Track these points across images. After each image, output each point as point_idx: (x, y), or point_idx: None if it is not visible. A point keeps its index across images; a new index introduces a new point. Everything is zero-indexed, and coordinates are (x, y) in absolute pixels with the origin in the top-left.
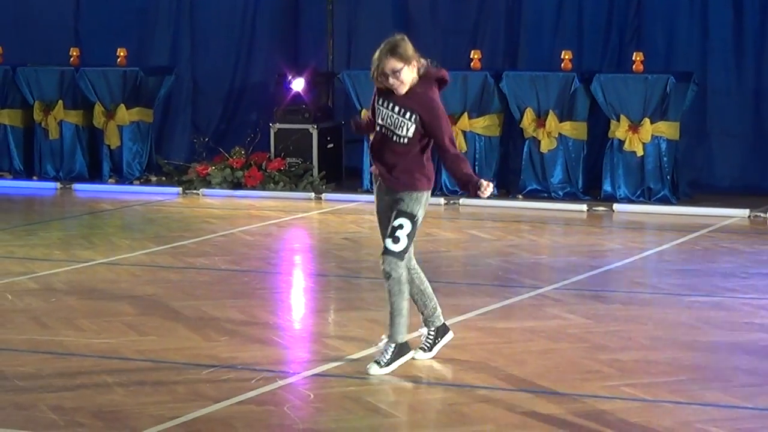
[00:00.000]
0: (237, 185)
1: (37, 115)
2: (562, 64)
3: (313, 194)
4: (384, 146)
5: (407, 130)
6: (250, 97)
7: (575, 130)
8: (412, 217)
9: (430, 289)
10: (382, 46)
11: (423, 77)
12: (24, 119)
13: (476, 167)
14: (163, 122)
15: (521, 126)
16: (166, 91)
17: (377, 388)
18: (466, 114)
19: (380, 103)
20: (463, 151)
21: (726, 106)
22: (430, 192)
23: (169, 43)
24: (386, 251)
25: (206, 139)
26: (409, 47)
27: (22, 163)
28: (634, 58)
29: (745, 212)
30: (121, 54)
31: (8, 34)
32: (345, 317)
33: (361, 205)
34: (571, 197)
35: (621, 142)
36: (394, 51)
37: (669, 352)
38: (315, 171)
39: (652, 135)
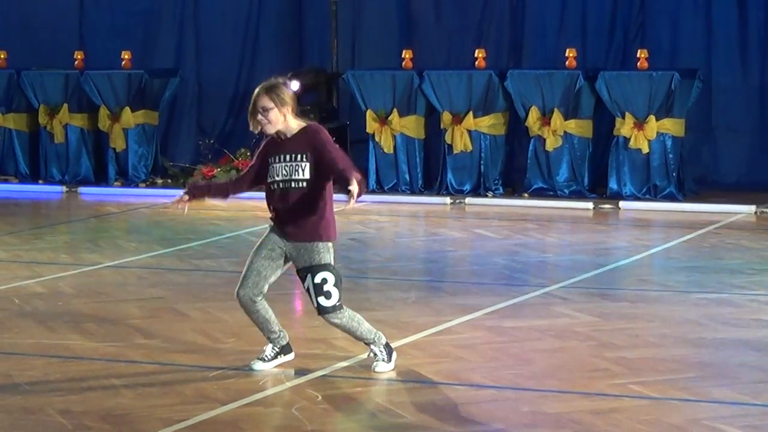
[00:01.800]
0: None
1: (42, 119)
2: (567, 62)
3: None
4: (284, 201)
5: (303, 171)
6: None
7: (580, 128)
8: (329, 268)
9: (273, 317)
10: (261, 84)
11: (312, 124)
12: (29, 123)
13: (482, 166)
14: (169, 125)
15: (526, 124)
16: (171, 93)
17: (385, 388)
18: (471, 113)
19: (272, 160)
20: (469, 150)
21: (731, 102)
22: (332, 243)
23: (173, 45)
24: (322, 310)
25: (212, 141)
26: (287, 93)
27: (28, 167)
28: (638, 56)
29: (752, 208)
30: (126, 57)
31: (13, 39)
32: None
33: (367, 206)
34: (577, 195)
35: (626, 140)
36: (269, 90)
37: (676, 350)
38: None
39: (657, 132)
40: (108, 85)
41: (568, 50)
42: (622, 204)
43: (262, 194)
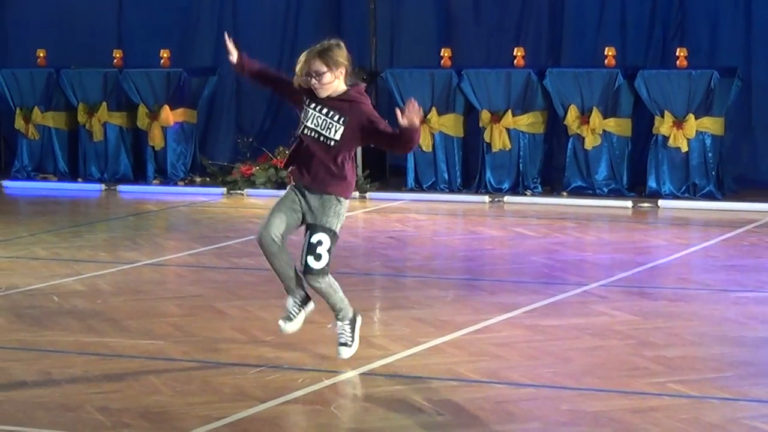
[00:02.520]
0: (281, 185)
1: (81, 117)
2: (606, 61)
3: (357, 193)
4: (309, 150)
5: (335, 132)
6: None
7: (619, 126)
8: (330, 232)
9: (292, 262)
10: (314, 46)
11: (353, 88)
12: (68, 121)
13: (520, 165)
14: (207, 123)
15: (565, 123)
16: (210, 91)
17: (424, 386)
18: (510, 111)
19: (308, 104)
20: (507, 149)
21: None
22: (348, 201)
23: (212, 43)
24: (308, 269)
25: (250, 140)
26: (339, 54)
27: (67, 165)
28: (677, 54)
29: None
30: (165, 55)
31: (52, 37)
32: (391, 316)
33: (406, 204)
34: (616, 194)
35: (665, 138)
36: (322, 53)
37: (716, 348)
38: (359, 170)
39: (696, 131)
40: (147, 83)
41: (606, 49)
42: (661, 203)
43: None
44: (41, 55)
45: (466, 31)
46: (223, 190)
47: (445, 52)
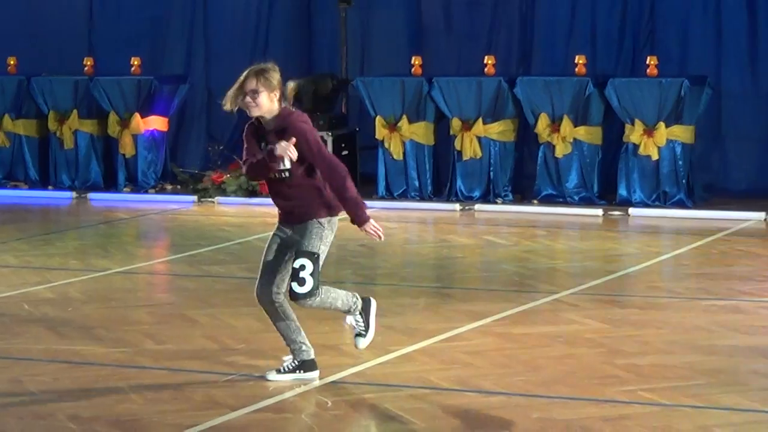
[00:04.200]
0: (252, 193)
1: (52, 125)
2: (576, 69)
3: None
4: (274, 189)
5: (282, 162)
6: None
7: (590, 134)
8: (312, 256)
9: (295, 325)
10: (250, 67)
11: (286, 110)
12: (39, 129)
13: (491, 173)
14: (178, 131)
15: (536, 131)
16: (181, 99)
17: (394, 395)
18: (480, 119)
19: (261, 148)
20: (478, 157)
21: (741, 109)
22: (333, 218)
23: (183, 51)
24: (293, 295)
25: (221, 147)
26: (275, 77)
27: (38, 173)
28: (648, 62)
29: (762, 215)
30: (135, 63)
31: (22, 45)
32: None
33: (377, 212)
34: (587, 202)
35: (636, 147)
36: (259, 73)
37: (686, 357)
38: None
39: (666, 139)
40: (117, 91)
41: (577, 57)
42: (631, 211)
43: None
44: (12, 62)
45: (437, 39)
46: (194, 197)
47: (416, 60)
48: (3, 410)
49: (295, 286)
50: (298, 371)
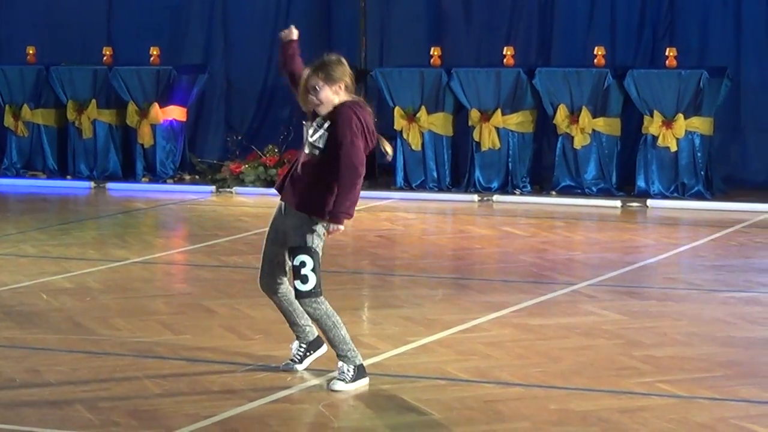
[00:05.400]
0: (270, 183)
1: (71, 115)
2: (595, 60)
3: None
4: (300, 163)
5: (321, 139)
6: (283, 95)
7: (609, 126)
8: (309, 251)
9: (299, 309)
10: (315, 61)
11: (352, 101)
12: (57, 119)
13: (510, 164)
14: (197, 121)
15: (554, 122)
16: (200, 89)
17: (412, 386)
18: (499, 110)
19: (311, 123)
20: (497, 148)
21: (760, 101)
22: (325, 223)
23: (202, 41)
24: (298, 294)
25: (239, 138)
26: (337, 70)
27: (56, 163)
28: (667, 54)
29: None
30: (154, 53)
31: (42, 34)
32: (379, 315)
33: (395, 203)
34: (605, 193)
35: (655, 138)
36: (320, 68)
37: (704, 348)
38: None
39: (685, 130)
40: (136, 80)
41: (596, 48)
42: (649, 202)
43: None
44: (31, 52)
45: (456, 30)
46: (213, 188)
47: (435, 51)
48: (21, 400)
49: (298, 284)
50: (309, 353)
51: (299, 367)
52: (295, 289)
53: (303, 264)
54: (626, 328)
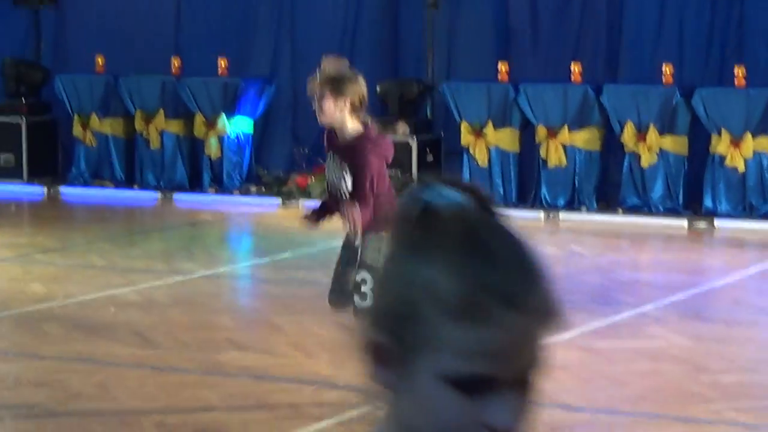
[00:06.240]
0: None
1: (139, 125)
2: (663, 78)
3: None
4: (337, 204)
5: (346, 183)
6: None
7: (676, 144)
8: (371, 269)
9: None
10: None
11: (366, 136)
12: (126, 129)
13: (576, 181)
14: (264, 133)
15: (622, 140)
16: (267, 101)
17: None
18: (566, 127)
19: (328, 155)
20: (563, 165)
21: None
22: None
23: (270, 53)
24: (355, 309)
25: (306, 150)
26: (348, 86)
27: (124, 173)
28: (735, 73)
29: None
30: (222, 64)
31: (110, 45)
32: None
33: None
34: (672, 212)
35: (722, 158)
36: (327, 78)
37: None
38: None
39: (753, 150)
40: (204, 92)
41: (664, 65)
42: (717, 222)
43: None
44: (99, 62)
45: (524, 45)
46: (279, 200)
47: (503, 66)
48: (89, 416)
49: (357, 299)
50: None
51: None
52: (353, 304)
53: (364, 281)
54: (693, 352)
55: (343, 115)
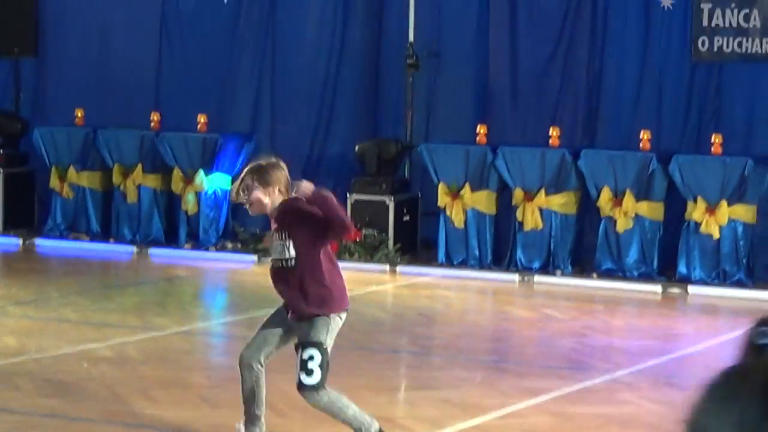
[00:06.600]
0: None
1: (116, 178)
2: (641, 144)
3: (388, 266)
4: (282, 281)
5: (288, 250)
6: (328, 166)
7: (652, 210)
8: (320, 346)
9: (262, 398)
10: (253, 163)
11: (292, 198)
12: (103, 182)
13: (552, 244)
14: None
15: (598, 204)
16: (245, 157)
17: None
18: (543, 190)
19: (269, 236)
20: (539, 228)
21: None
22: (342, 315)
23: (249, 109)
24: (300, 386)
25: None
26: (273, 175)
27: (100, 226)
28: (713, 140)
29: None
30: (201, 120)
31: (90, 97)
32: (418, 396)
33: (436, 279)
34: (646, 277)
35: (697, 224)
36: (256, 170)
37: None
38: (390, 243)
39: (729, 218)
40: (183, 147)
41: (642, 132)
42: (690, 288)
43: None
44: (79, 114)
45: (503, 109)
46: (255, 257)
47: (481, 129)
48: None
49: (303, 377)
50: None
51: None
52: (299, 382)
53: (311, 358)
54: (665, 419)
55: (271, 200)
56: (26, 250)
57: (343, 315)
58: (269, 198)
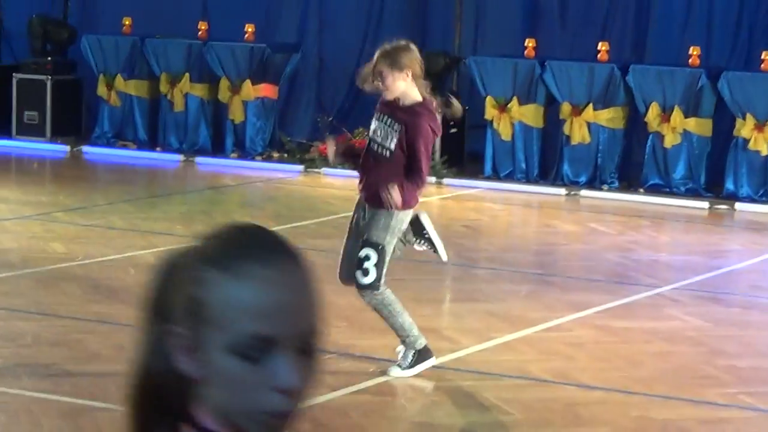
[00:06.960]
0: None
1: (164, 87)
2: (690, 60)
3: (434, 179)
4: (370, 160)
5: (390, 140)
6: None
7: (700, 126)
8: (377, 247)
9: (399, 310)
10: (385, 45)
11: (425, 106)
12: (150, 90)
13: (599, 159)
14: (288, 99)
15: (646, 120)
16: (292, 68)
17: (494, 383)
18: (591, 105)
19: (376, 116)
20: (587, 142)
21: None
22: (406, 213)
23: (296, 20)
24: (358, 285)
25: (330, 118)
26: (405, 57)
27: (147, 134)
28: (762, 57)
29: None
30: (249, 30)
31: (138, 6)
32: (463, 308)
33: (482, 192)
34: (693, 193)
35: (746, 141)
36: (386, 55)
37: None
38: (437, 155)
39: None
40: (230, 57)
41: (691, 48)
42: (737, 205)
43: None
44: (126, 23)
45: (552, 23)
46: (301, 167)
47: (529, 42)
48: (106, 377)
49: (359, 275)
50: (419, 364)
51: (403, 373)
52: (355, 279)
53: (367, 257)
54: (709, 335)
55: (405, 86)
56: (74, 158)
57: (409, 211)
58: (404, 81)
